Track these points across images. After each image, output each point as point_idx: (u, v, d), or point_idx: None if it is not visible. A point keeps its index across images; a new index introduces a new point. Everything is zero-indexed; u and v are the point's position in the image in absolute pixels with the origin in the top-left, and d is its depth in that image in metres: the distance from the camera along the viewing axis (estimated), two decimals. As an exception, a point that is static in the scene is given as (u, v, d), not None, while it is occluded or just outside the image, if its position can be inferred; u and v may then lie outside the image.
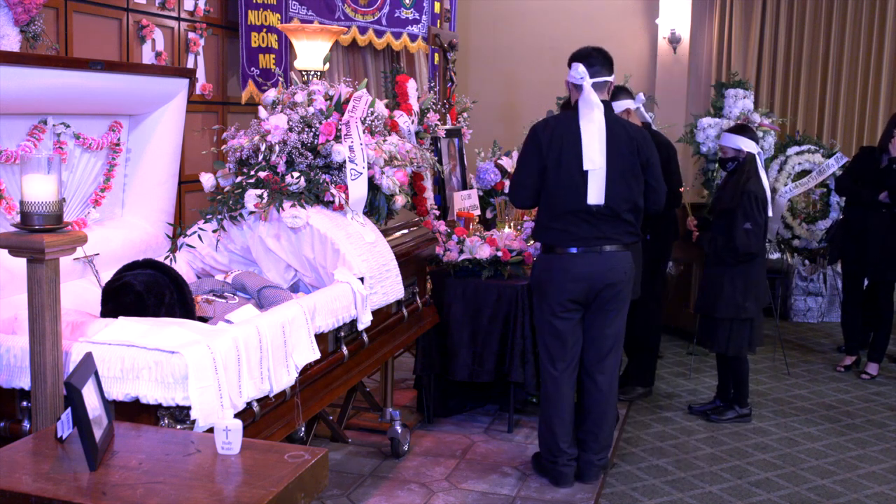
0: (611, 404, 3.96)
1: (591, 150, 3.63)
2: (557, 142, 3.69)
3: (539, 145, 3.72)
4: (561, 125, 3.73)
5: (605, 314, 3.82)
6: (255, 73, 5.66)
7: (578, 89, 3.72)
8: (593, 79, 3.69)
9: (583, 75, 3.68)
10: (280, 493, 1.84)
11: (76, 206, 3.38)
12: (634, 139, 3.75)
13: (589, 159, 3.63)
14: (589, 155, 3.63)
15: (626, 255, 3.80)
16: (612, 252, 3.75)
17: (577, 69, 3.69)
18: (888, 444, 4.50)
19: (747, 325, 4.65)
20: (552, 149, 3.69)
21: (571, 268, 3.73)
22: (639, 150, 3.75)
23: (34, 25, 4.00)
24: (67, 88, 3.04)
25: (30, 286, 2.22)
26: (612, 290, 3.77)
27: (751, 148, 4.63)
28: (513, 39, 8.80)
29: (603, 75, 3.72)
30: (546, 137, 3.71)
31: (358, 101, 3.77)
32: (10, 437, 2.44)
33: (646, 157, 3.77)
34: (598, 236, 3.72)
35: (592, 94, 3.67)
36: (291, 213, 3.41)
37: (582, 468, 3.92)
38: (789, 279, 7.20)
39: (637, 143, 3.75)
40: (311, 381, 3.03)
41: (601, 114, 3.67)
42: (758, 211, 4.50)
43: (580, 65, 3.69)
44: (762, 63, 8.08)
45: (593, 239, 3.72)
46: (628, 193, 3.72)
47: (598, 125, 3.65)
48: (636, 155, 3.74)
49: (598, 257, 3.73)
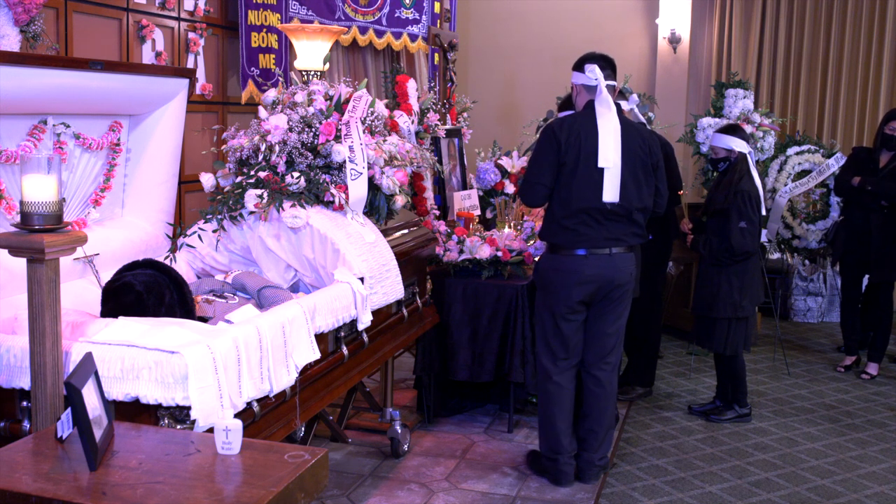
0: (611, 403, 3.97)
1: (607, 148, 3.69)
2: (575, 140, 3.72)
3: (558, 143, 3.73)
4: (578, 124, 3.76)
5: (609, 314, 3.86)
6: (255, 73, 5.66)
7: (591, 91, 3.77)
8: (607, 81, 3.74)
9: (599, 77, 3.72)
10: (280, 493, 1.84)
11: (76, 206, 3.38)
12: (646, 140, 3.83)
13: (604, 157, 3.68)
14: (605, 153, 3.68)
15: (630, 256, 3.86)
16: (618, 254, 3.80)
17: (594, 70, 3.73)
18: (888, 444, 4.50)
19: (743, 324, 4.66)
20: (570, 147, 3.72)
21: (581, 270, 3.76)
22: (650, 151, 3.83)
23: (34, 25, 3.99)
24: (67, 88, 3.04)
25: (30, 286, 2.22)
26: (618, 290, 3.82)
27: (742, 147, 4.63)
28: (513, 39, 8.80)
29: (612, 79, 3.80)
30: (564, 136, 3.73)
31: (358, 101, 3.77)
32: (10, 437, 2.44)
33: (656, 159, 3.86)
34: (607, 237, 3.76)
35: (608, 95, 3.73)
36: (291, 213, 3.42)
37: (582, 468, 3.93)
38: (789, 279, 7.20)
39: (649, 145, 3.83)
40: (311, 381, 3.03)
41: (615, 115, 3.73)
42: (752, 210, 4.51)
43: (595, 67, 3.73)
44: (762, 63, 8.07)
45: (602, 240, 3.76)
46: (639, 193, 3.79)
47: (614, 125, 3.71)
48: (648, 156, 3.81)
49: (608, 259, 3.77)
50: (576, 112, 3.86)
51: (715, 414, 4.79)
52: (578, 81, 3.80)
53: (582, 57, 3.83)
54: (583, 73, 3.76)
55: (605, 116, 3.71)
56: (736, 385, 4.77)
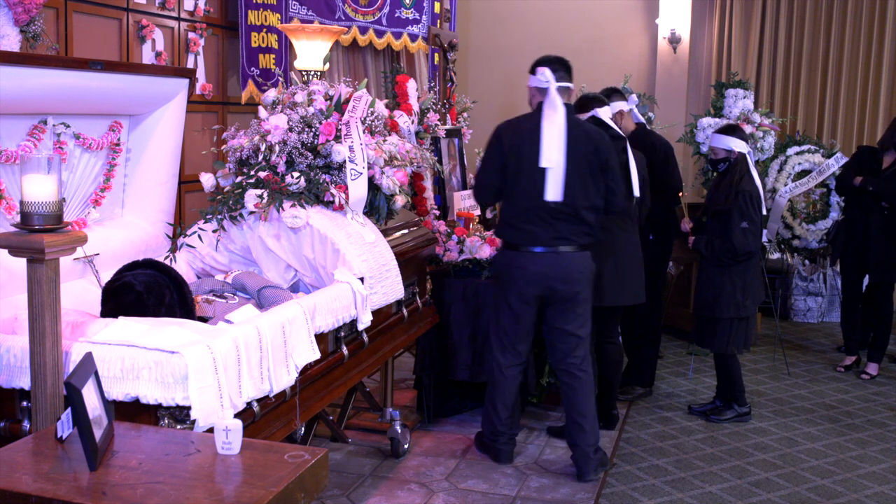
0: (588, 397, 4.00)
1: (550, 148, 3.77)
2: (518, 141, 3.85)
3: (501, 145, 3.89)
4: (523, 125, 3.89)
5: (568, 314, 3.93)
6: (255, 73, 5.66)
7: (542, 93, 3.86)
8: (558, 83, 3.82)
9: (549, 79, 3.83)
10: (280, 493, 1.84)
11: (76, 206, 3.38)
12: (593, 140, 3.87)
13: (547, 157, 3.77)
14: (547, 153, 3.77)
15: (582, 255, 3.91)
16: (566, 253, 3.86)
17: (544, 73, 3.84)
18: (888, 444, 4.50)
19: (745, 324, 4.66)
20: (513, 147, 3.85)
21: (527, 266, 3.87)
22: (597, 151, 3.86)
23: (34, 25, 3.99)
24: (67, 88, 3.04)
25: (30, 286, 2.22)
26: (569, 290, 3.88)
27: (741, 148, 4.63)
28: (513, 39, 8.79)
29: (566, 81, 3.88)
30: (508, 137, 3.88)
31: (358, 101, 3.77)
32: (10, 437, 2.44)
33: (604, 159, 3.88)
34: (555, 236, 3.84)
35: (557, 97, 3.82)
36: (291, 213, 3.42)
37: (578, 462, 3.96)
38: (789, 279, 7.20)
39: (595, 144, 3.87)
40: (311, 381, 3.03)
41: (563, 115, 3.81)
42: (753, 209, 4.50)
43: (547, 69, 3.84)
44: (762, 63, 8.07)
45: (549, 239, 3.85)
46: (586, 192, 3.84)
47: (558, 126, 3.79)
48: (594, 155, 3.85)
49: (554, 257, 3.86)
50: (525, 114, 3.97)
51: (715, 414, 4.79)
52: (532, 84, 3.91)
53: (536, 60, 3.92)
54: (535, 76, 3.87)
55: (550, 118, 3.79)
56: (733, 384, 4.77)
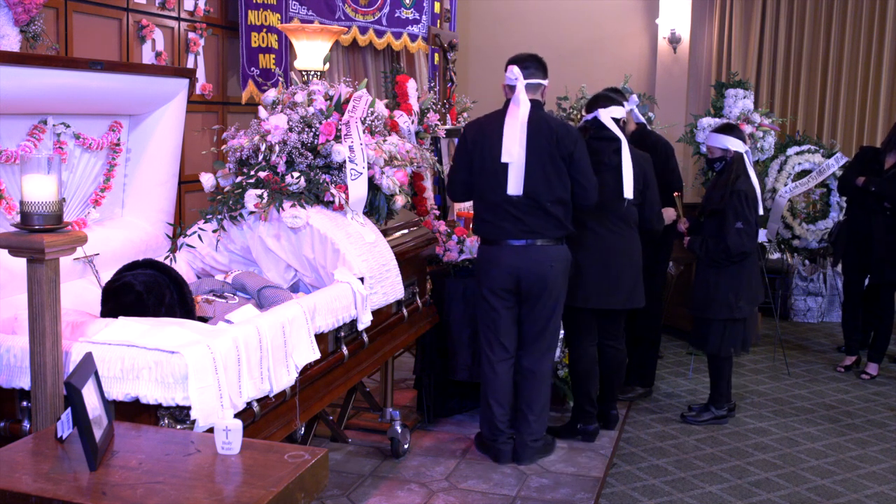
0: (540, 388, 4.07)
1: (510, 143, 3.84)
2: (481, 138, 3.95)
3: (465, 142, 4.00)
4: (488, 122, 3.98)
5: (536, 306, 4.00)
6: (255, 73, 5.66)
7: (512, 90, 3.93)
8: (527, 80, 3.89)
9: (517, 76, 3.91)
10: (280, 493, 1.84)
11: (76, 206, 3.38)
12: (555, 133, 3.91)
13: (507, 152, 3.84)
14: (507, 148, 3.84)
15: (556, 249, 3.97)
16: (535, 246, 3.93)
17: (513, 71, 3.93)
18: (888, 444, 4.50)
19: (740, 326, 4.64)
20: (477, 145, 3.94)
21: (498, 259, 3.95)
22: (559, 143, 3.89)
23: (34, 25, 4.00)
24: (67, 88, 3.04)
25: (30, 286, 2.22)
26: (540, 283, 3.94)
27: (738, 147, 4.60)
28: (513, 39, 8.78)
29: (537, 78, 3.94)
30: (472, 134, 3.99)
31: (358, 101, 3.77)
32: (10, 437, 2.44)
33: (568, 151, 3.91)
34: (524, 230, 3.91)
35: (523, 93, 3.88)
36: (291, 213, 3.42)
37: (516, 448, 4.09)
38: (789, 279, 7.20)
39: (557, 137, 3.90)
40: (311, 381, 3.03)
41: (527, 111, 3.87)
42: (749, 209, 4.47)
43: (515, 67, 3.92)
44: (762, 63, 8.08)
45: (518, 232, 3.92)
46: (549, 186, 3.89)
47: (520, 121, 3.85)
48: (556, 147, 3.88)
49: (523, 250, 3.93)
50: (492, 112, 4.04)
51: (691, 416, 4.75)
52: (504, 82, 3.98)
53: (510, 58, 3.98)
54: (506, 74, 3.95)
55: (513, 113, 3.86)
56: (719, 386, 4.73)
